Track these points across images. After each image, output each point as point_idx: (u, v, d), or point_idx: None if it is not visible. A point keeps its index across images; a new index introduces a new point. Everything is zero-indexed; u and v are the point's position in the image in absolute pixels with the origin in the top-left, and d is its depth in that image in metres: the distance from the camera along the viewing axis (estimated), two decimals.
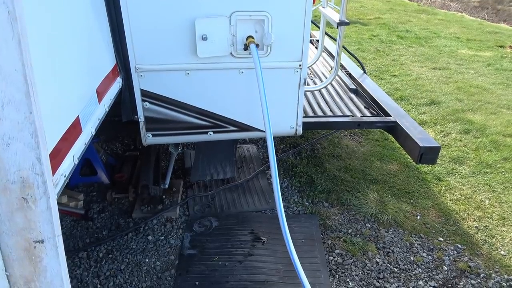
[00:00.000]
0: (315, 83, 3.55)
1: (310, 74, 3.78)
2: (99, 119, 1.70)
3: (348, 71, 3.79)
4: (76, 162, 1.41)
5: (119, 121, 2.28)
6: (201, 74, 2.19)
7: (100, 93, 1.75)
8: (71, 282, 2.41)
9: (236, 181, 3.31)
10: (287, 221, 1.94)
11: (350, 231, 2.90)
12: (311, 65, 3.79)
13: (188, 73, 2.17)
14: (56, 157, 1.26)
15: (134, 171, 3.24)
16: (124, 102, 2.20)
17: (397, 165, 3.66)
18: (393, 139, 3.77)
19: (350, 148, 3.92)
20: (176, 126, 2.29)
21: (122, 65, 2.08)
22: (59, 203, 2.87)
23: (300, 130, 2.45)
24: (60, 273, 0.88)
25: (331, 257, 2.67)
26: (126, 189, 3.08)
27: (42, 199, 0.81)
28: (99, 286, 2.43)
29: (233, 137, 2.41)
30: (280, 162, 3.60)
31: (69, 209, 2.92)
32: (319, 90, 3.36)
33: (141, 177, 2.74)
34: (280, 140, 3.98)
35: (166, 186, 3.06)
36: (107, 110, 1.81)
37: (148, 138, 2.31)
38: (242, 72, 2.21)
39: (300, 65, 2.25)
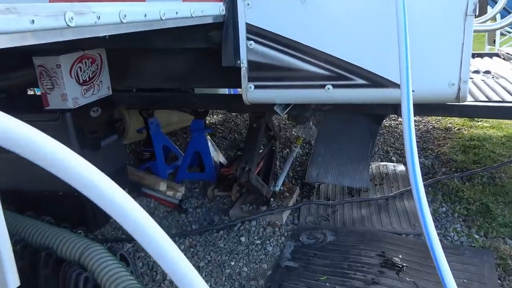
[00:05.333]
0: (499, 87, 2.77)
1: (493, 76, 2.99)
2: (177, 13, 1.49)
3: None
4: (124, 21, 1.19)
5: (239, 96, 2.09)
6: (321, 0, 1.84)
7: None
8: (140, 269, 2.17)
9: (370, 196, 2.73)
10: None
11: None
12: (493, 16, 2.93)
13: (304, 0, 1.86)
14: None
15: None
16: (226, 41, 1.99)
17: None
18: None
19: None
20: (285, 74, 1.96)
21: None
22: (155, 190, 2.80)
23: (466, 91, 1.80)
24: None
25: None
26: (230, 187, 2.83)
27: None
28: (168, 279, 2.09)
29: (360, 98, 1.93)
30: (438, 184, 2.85)
31: (164, 198, 2.82)
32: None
33: (242, 158, 2.44)
34: (439, 161, 3.20)
35: (277, 188, 2.71)
36: (193, 16, 1.61)
37: (249, 91, 2.02)
38: None
39: None
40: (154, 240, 0.66)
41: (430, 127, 4.13)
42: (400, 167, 3.14)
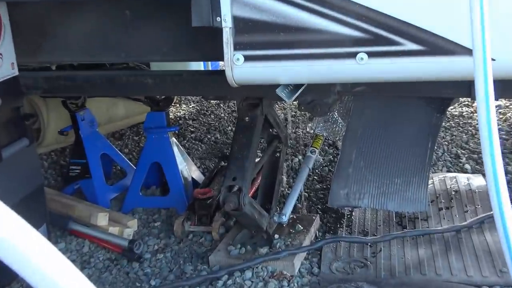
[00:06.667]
0: None
1: None
2: None
3: None
4: None
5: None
6: None
7: None
8: None
9: (432, 228, 2.84)
10: None
11: None
12: None
13: None
14: None
15: None
16: None
17: None
18: None
19: None
20: (294, 38, 2.04)
21: None
22: (91, 226, 2.84)
23: None
24: None
25: None
26: (210, 218, 2.95)
27: None
28: None
29: (412, 72, 2.03)
30: None
31: (106, 237, 2.89)
32: None
33: (228, 173, 2.49)
34: None
35: (284, 219, 2.82)
36: None
37: (237, 65, 2.09)
38: None
39: None
40: None
41: None
42: (479, 181, 3.25)
